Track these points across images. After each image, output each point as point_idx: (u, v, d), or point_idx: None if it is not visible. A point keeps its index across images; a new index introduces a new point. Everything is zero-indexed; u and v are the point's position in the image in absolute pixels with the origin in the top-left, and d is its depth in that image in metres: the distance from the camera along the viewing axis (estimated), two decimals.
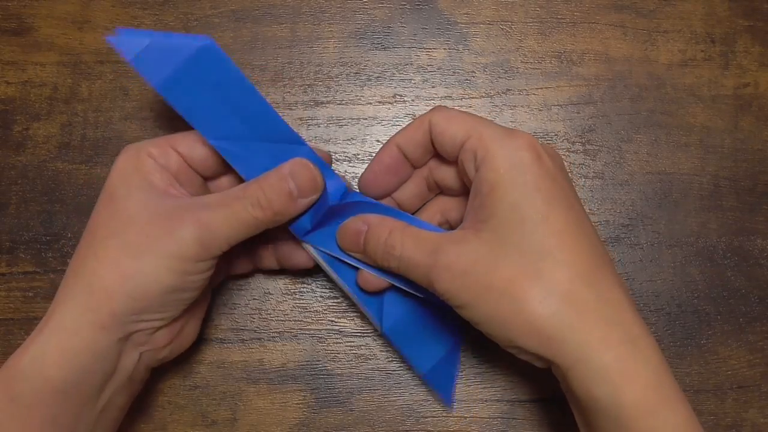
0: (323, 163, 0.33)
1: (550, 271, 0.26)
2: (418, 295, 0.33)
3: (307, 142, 0.33)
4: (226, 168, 0.32)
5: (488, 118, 0.31)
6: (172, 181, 0.31)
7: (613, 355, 0.26)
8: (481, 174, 0.28)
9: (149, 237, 0.28)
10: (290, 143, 0.32)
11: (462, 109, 0.32)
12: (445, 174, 0.33)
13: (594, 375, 0.26)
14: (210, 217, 0.28)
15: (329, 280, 0.37)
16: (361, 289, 0.34)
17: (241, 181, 0.32)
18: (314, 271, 0.37)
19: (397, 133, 0.33)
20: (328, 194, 0.33)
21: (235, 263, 0.36)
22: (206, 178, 0.33)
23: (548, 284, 0.26)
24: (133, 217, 0.29)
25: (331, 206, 0.33)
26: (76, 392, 0.28)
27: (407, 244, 0.29)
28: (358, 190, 0.35)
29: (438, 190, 0.35)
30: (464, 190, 0.32)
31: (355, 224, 0.32)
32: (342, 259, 0.33)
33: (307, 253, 0.34)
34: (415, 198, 0.35)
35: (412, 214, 0.35)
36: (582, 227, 0.28)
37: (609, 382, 0.26)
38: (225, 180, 0.34)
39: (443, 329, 0.35)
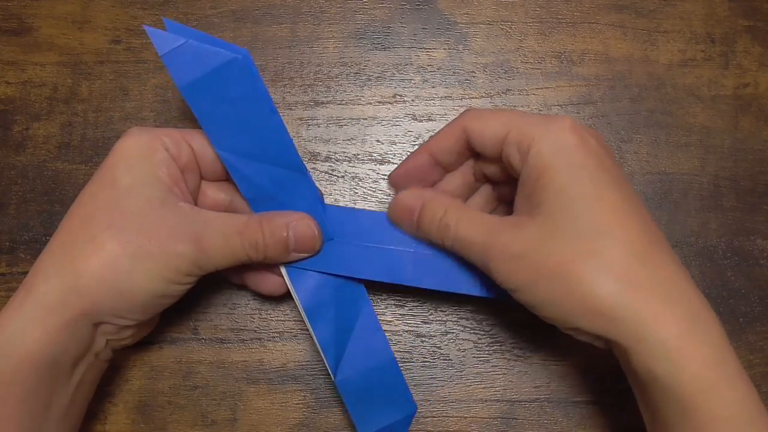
0: (319, 197, 0.33)
1: (604, 250, 0.26)
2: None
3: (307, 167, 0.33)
4: (227, 175, 0.32)
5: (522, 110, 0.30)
6: (177, 178, 0.31)
7: (671, 333, 0.25)
8: (528, 162, 0.28)
9: (151, 241, 0.28)
10: (294, 171, 0.32)
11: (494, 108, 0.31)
12: (490, 168, 0.33)
13: (653, 353, 0.26)
14: (209, 242, 0.30)
15: None
16: (322, 336, 0.33)
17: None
18: None
19: (428, 140, 0.33)
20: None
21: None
22: (204, 179, 0.33)
23: (603, 263, 0.26)
24: (136, 214, 0.29)
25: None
26: (53, 368, 0.28)
27: (462, 223, 0.30)
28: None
29: (485, 180, 0.34)
30: (511, 179, 0.32)
31: (409, 200, 0.32)
32: (321, 271, 0.33)
33: (282, 278, 0.33)
34: (463, 188, 0.34)
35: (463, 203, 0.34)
36: (633, 204, 0.28)
37: (668, 359, 0.25)
38: (216, 187, 0.34)
39: (399, 399, 0.34)
